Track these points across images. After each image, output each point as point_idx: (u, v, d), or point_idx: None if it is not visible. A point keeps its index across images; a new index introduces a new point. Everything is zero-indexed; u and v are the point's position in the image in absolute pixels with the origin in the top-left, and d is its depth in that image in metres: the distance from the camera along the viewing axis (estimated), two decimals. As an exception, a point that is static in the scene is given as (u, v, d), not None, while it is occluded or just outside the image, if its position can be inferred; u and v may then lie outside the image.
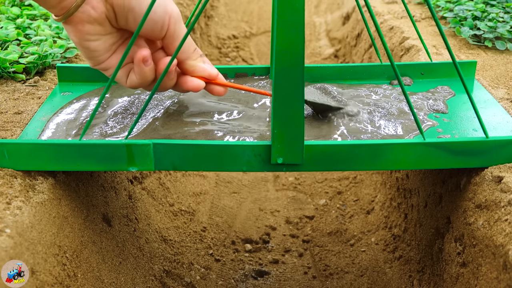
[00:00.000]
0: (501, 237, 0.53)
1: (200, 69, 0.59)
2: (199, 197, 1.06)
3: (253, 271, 0.90)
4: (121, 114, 0.67)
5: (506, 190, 0.56)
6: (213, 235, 0.97)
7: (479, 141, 0.59)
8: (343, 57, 1.65)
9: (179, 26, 0.56)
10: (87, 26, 0.54)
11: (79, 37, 0.55)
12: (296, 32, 0.52)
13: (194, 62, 0.59)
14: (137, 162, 0.58)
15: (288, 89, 0.54)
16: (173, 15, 0.55)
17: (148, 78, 0.58)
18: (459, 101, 0.72)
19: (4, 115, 0.71)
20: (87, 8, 0.53)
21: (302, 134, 0.56)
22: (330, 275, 0.89)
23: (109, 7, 0.54)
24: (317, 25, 2.07)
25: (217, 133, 0.62)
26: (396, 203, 0.92)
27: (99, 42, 0.56)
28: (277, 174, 1.19)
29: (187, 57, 0.58)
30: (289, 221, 1.03)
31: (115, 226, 0.75)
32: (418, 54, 0.99)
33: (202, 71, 0.59)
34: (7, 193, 0.54)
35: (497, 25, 1.00)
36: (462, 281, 0.60)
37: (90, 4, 0.53)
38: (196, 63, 0.59)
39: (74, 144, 0.57)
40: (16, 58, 0.82)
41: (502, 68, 0.88)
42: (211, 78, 0.60)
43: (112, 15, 0.55)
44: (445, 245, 0.67)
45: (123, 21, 0.55)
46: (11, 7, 1.08)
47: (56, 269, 0.55)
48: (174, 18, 0.55)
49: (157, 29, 0.55)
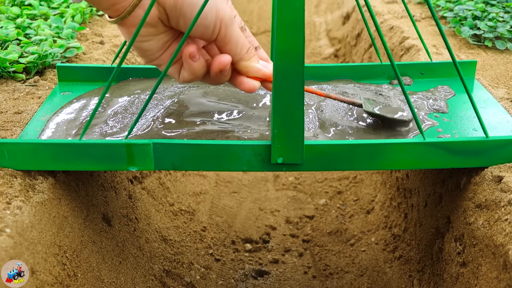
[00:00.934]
0: (501, 237, 0.53)
1: (254, 69, 0.59)
2: (199, 197, 1.06)
3: (253, 271, 0.90)
4: (121, 114, 0.67)
5: (506, 190, 0.56)
6: (213, 235, 0.97)
7: (479, 141, 0.59)
8: (343, 57, 1.65)
9: (230, 30, 0.56)
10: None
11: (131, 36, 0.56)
12: (296, 32, 0.52)
13: (248, 63, 0.58)
14: (137, 162, 0.58)
15: (288, 89, 0.54)
16: (225, 20, 0.55)
17: (199, 73, 0.57)
18: (459, 101, 0.72)
19: (4, 115, 0.71)
20: (139, 12, 0.54)
21: (302, 134, 0.56)
22: (330, 275, 0.89)
23: (161, 9, 0.54)
24: (317, 25, 2.07)
25: (217, 133, 0.62)
26: (396, 203, 0.92)
27: (152, 42, 0.56)
28: (277, 174, 1.19)
29: (240, 58, 0.58)
30: (289, 220, 1.04)
31: (115, 226, 0.75)
32: (418, 53, 0.99)
33: (256, 72, 0.59)
34: (7, 193, 0.54)
35: (497, 25, 1.00)
36: (462, 281, 0.60)
37: (142, 8, 0.53)
38: (250, 63, 0.58)
39: (74, 144, 0.57)
40: (16, 58, 0.82)
41: (502, 68, 0.88)
42: (266, 78, 0.60)
43: (164, 17, 0.55)
44: (445, 245, 0.67)
45: (175, 23, 0.55)
46: (11, 7, 1.08)
47: (56, 269, 0.55)
48: (225, 23, 0.55)
49: (208, 33, 0.55)
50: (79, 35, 1.05)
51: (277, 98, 0.54)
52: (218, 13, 0.54)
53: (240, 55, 0.57)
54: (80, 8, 1.11)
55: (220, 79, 0.58)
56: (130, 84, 0.76)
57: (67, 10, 1.10)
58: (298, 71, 0.53)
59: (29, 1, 1.13)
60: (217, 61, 0.56)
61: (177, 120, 0.65)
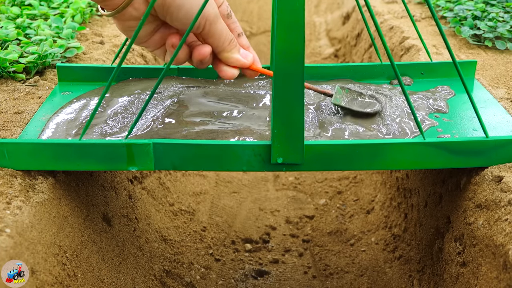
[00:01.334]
0: (501, 237, 0.53)
1: (233, 60, 0.63)
2: (199, 197, 1.06)
3: (253, 271, 0.90)
4: (121, 114, 0.67)
5: (506, 190, 0.56)
6: (213, 235, 0.97)
7: (479, 141, 0.59)
8: (343, 57, 1.65)
9: (214, 27, 0.60)
10: (128, 22, 0.61)
11: (122, 28, 0.62)
12: (296, 32, 0.52)
13: (228, 54, 0.62)
14: (137, 162, 0.58)
15: (288, 89, 0.54)
16: (209, 18, 0.58)
17: (181, 60, 0.62)
18: (459, 101, 0.72)
19: (4, 115, 0.71)
20: (130, 9, 0.59)
21: (302, 134, 0.56)
22: (330, 275, 0.89)
23: None
24: (317, 25, 2.07)
25: (217, 133, 0.62)
26: (396, 203, 0.92)
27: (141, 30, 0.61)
28: (277, 174, 1.19)
29: (222, 50, 0.62)
30: (289, 220, 1.04)
31: (115, 226, 0.75)
32: (418, 53, 0.99)
33: (235, 62, 0.63)
34: (7, 193, 0.54)
35: (497, 25, 1.00)
36: (462, 281, 0.60)
37: (133, 6, 0.58)
38: (230, 54, 0.62)
39: (74, 144, 0.57)
40: (16, 58, 0.82)
41: (502, 68, 0.88)
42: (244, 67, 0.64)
43: (153, 12, 0.59)
44: (445, 245, 0.67)
45: (162, 17, 0.60)
46: (11, 7, 1.08)
47: (56, 269, 0.55)
48: (210, 21, 0.59)
49: (193, 29, 0.59)
50: (79, 35, 1.05)
51: (277, 98, 0.54)
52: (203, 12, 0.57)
53: (222, 47, 0.61)
54: (80, 8, 1.11)
55: (200, 66, 0.63)
56: (130, 84, 0.76)
57: (67, 10, 1.10)
58: (298, 71, 0.53)
59: (29, 1, 1.13)
60: (198, 52, 0.61)
61: (177, 120, 0.65)
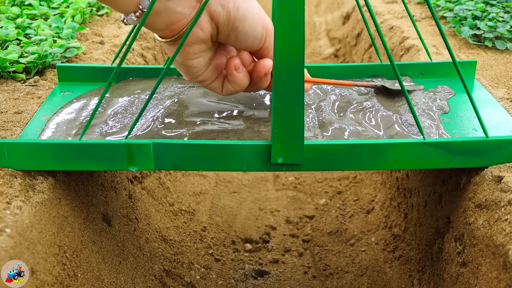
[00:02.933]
0: (501, 237, 0.53)
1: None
2: (199, 197, 1.06)
3: (253, 271, 0.90)
4: (121, 114, 0.67)
5: (506, 189, 0.56)
6: (213, 235, 0.97)
7: (479, 140, 0.59)
8: (343, 57, 1.65)
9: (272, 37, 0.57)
10: (194, 46, 0.55)
11: (184, 56, 0.56)
12: (296, 32, 0.52)
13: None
14: (137, 162, 0.58)
15: (288, 89, 0.54)
16: (270, 28, 0.56)
17: (244, 83, 0.59)
18: (459, 101, 0.72)
19: (4, 115, 0.71)
20: (197, 30, 0.53)
21: (302, 134, 0.56)
22: (330, 275, 0.89)
23: (214, 26, 0.54)
24: (317, 24, 2.07)
25: (217, 133, 0.62)
26: (396, 203, 0.92)
27: (200, 58, 0.57)
28: (277, 174, 1.19)
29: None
30: (289, 220, 1.04)
31: (115, 226, 0.75)
32: (418, 53, 0.99)
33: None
34: (7, 193, 0.54)
35: (497, 25, 1.00)
36: (462, 281, 0.60)
37: (200, 26, 0.53)
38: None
39: (74, 144, 0.57)
40: (16, 58, 0.82)
41: (502, 68, 0.88)
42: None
43: (215, 33, 0.55)
44: (445, 245, 0.67)
45: (224, 37, 0.56)
46: (11, 7, 1.08)
47: (56, 269, 0.55)
48: (271, 31, 0.56)
49: (256, 43, 0.57)
50: (79, 35, 1.05)
51: (277, 98, 0.54)
52: (264, 22, 0.55)
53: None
54: (80, 8, 1.11)
55: (263, 83, 0.59)
56: (130, 84, 0.76)
57: (67, 10, 1.10)
58: (298, 71, 0.53)
59: (29, 1, 1.13)
60: (261, 65, 0.58)
61: (177, 120, 0.65)
